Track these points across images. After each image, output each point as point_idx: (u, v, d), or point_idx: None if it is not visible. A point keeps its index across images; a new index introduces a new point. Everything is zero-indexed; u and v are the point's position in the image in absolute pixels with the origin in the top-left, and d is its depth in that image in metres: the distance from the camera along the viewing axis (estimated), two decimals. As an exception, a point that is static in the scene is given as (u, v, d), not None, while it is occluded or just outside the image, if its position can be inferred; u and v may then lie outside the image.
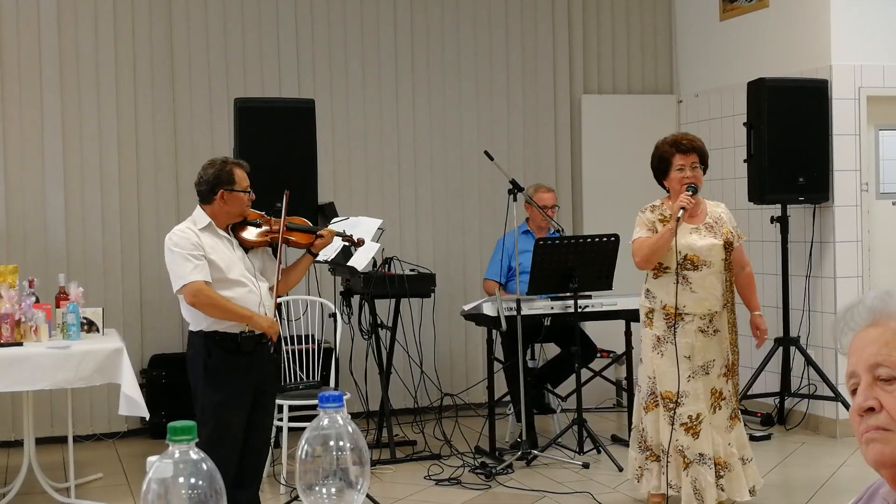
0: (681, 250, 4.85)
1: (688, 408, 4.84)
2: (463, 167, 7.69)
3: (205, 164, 4.54)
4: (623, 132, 7.84)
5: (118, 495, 5.53)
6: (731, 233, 4.97)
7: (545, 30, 7.89)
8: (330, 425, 1.59)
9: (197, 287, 4.30)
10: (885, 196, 6.93)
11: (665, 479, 4.89)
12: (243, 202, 4.46)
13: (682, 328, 4.86)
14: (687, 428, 4.84)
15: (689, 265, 4.86)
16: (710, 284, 4.88)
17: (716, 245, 4.89)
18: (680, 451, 4.84)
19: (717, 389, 4.90)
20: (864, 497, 1.65)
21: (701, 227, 4.94)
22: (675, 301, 4.84)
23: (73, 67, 6.86)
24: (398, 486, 5.67)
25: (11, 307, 5.19)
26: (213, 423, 4.34)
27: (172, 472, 1.44)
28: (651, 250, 4.85)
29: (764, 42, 7.20)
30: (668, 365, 4.86)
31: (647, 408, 4.98)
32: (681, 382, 4.83)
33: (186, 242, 4.34)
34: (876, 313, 1.55)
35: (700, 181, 4.97)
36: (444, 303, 7.17)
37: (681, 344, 4.85)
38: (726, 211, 5.09)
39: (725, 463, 4.89)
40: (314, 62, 7.38)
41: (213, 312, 4.34)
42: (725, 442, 4.90)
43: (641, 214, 5.00)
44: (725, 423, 4.93)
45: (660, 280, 4.92)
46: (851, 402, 1.57)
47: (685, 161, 4.94)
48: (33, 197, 6.82)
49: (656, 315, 4.92)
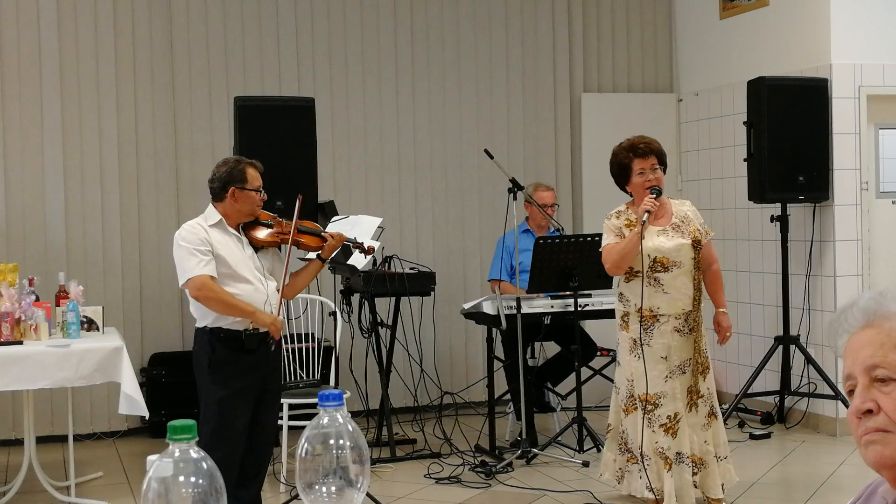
0: (650, 253, 4.85)
1: (666, 408, 4.85)
2: (463, 166, 7.69)
3: (219, 163, 4.61)
4: (623, 131, 7.71)
5: (118, 494, 5.53)
6: (698, 231, 4.96)
7: (545, 28, 7.89)
8: (330, 424, 1.60)
9: (201, 281, 4.33)
10: (884, 195, 6.93)
11: (641, 482, 4.91)
12: (254, 201, 4.49)
13: (659, 329, 4.86)
14: (666, 428, 4.85)
15: (660, 267, 4.87)
16: (682, 284, 4.88)
17: (684, 245, 4.89)
18: (660, 452, 4.85)
19: (693, 388, 4.92)
20: (864, 496, 1.65)
21: (668, 228, 4.93)
22: (642, 302, 4.84)
23: (72, 65, 6.86)
24: (398, 484, 5.67)
25: (11, 306, 5.19)
26: (217, 419, 4.36)
27: (173, 470, 1.44)
28: (620, 256, 4.86)
29: (764, 41, 7.20)
30: (646, 367, 4.87)
31: (626, 410, 4.98)
32: (659, 383, 4.85)
33: (194, 237, 4.38)
34: (870, 314, 1.55)
35: (661, 182, 4.96)
36: (443, 301, 7.17)
37: (658, 345, 4.86)
38: (692, 208, 5.08)
39: (701, 460, 4.91)
40: (314, 60, 7.38)
41: (216, 307, 4.37)
42: (702, 440, 4.92)
43: (608, 221, 5.00)
44: (703, 421, 4.94)
45: (631, 284, 4.93)
46: (849, 403, 1.57)
47: (645, 164, 4.95)
48: (33, 195, 6.82)
49: (631, 318, 4.92)
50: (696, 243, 4.91)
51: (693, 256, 4.90)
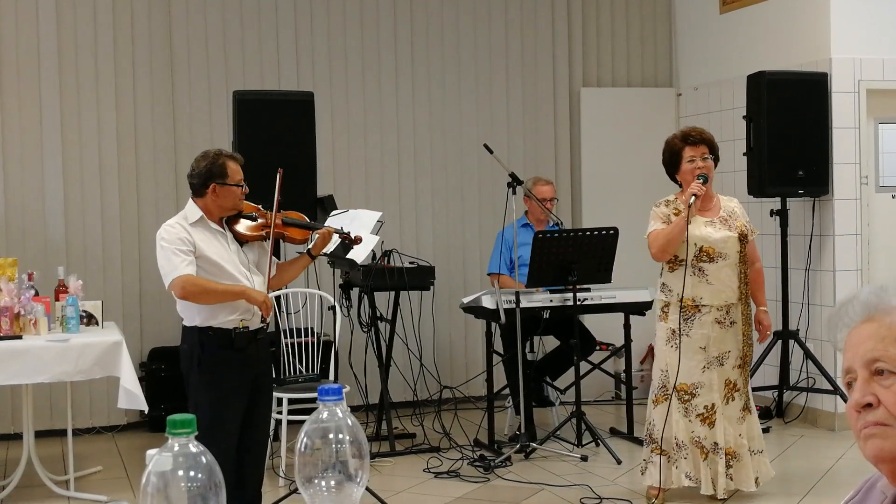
0: (696, 242, 4.90)
1: (703, 398, 4.91)
2: (462, 160, 7.69)
3: (197, 157, 4.40)
4: (622, 125, 7.84)
5: (117, 488, 5.53)
6: (745, 226, 5.02)
7: (544, 22, 7.88)
8: (329, 418, 1.60)
9: (184, 279, 4.20)
10: (884, 189, 6.93)
11: (662, 473, 4.92)
12: (236, 196, 4.34)
13: (699, 319, 4.92)
14: (703, 418, 4.91)
15: (705, 257, 4.92)
16: (726, 276, 4.93)
17: (731, 237, 4.94)
18: (697, 441, 4.90)
19: (731, 380, 4.97)
20: (862, 490, 1.65)
21: (716, 220, 5.00)
22: (683, 291, 4.87)
23: (71, 60, 6.85)
24: (397, 478, 5.67)
25: (11, 300, 5.19)
26: (207, 419, 4.27)
27: (172, 465, 1.44)
28: (666, 240, 4.90)
29: (763, 35, 7.19)
30: (683, 357, 4.90)
31: (656, 400, 5.02)
32: (696, 373, 4.90)
33: (174, 237, 4.25)
34: (870, 308, 1.55)
35: (711, 171, 5.02)
36: (443, 296, 7.17)
37: (697, 335, 4.90)
38: (739, 206, 5.16)
39: (735, 453, 4.95)
40: (313, 55, 7.37)
41: (206, 299, 4.25)
42: (737, 433, 4.96)
43: (655, 209, 5.05)
44: (738, 414, 4.99)
45: (676, 273, 4.97)
46: (848, 397, 1.57)
47: (695, 152, 5.00)
48: (32, 190, 6.81)
49: (672, 308, 4.97)
50: (742, 237, 4.96)
51: (739, 250, 4.96)
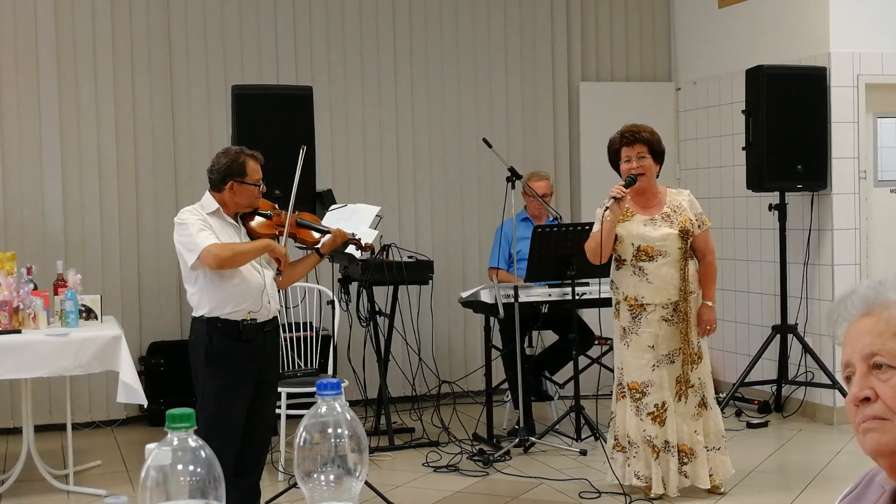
0: (634, 241, 4.91)
1: (653, 396, 4.91)
2: (461, 154, 7.68)
3: (219, 152, 4.51)
4: (621, 119, 7.68)
5: (117, 482, 5.54)
6: (689, 221, 4.97)
7: (543, 17, 7.87)
8: (328, 413, 1.60)
9: (215, 247, 4.24)
10: (883, 184, 6.93)
11: (620, 470, 4.96)
12: (253, 195, 4.44)
13: (646, 318, 4.92)
14: (654, 417, 4.90)
15: (644, 256, 4.92)
16: (667, 274, 4.91)
17: (671, 234, 4.92)
18: (648, 440, 4.90)
19: (682, 378, 4.94)
20: (861, 484, 1.66)
21: (657, 217, 4.97)
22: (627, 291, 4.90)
23: (70, 54, 6.85)
24: (396, 473, 5.68)
25: (9, 294, 5.19)
26: (213, 409, 4.33)
27: (171, 459, 1.44)
28: (594, 243, 4.93)
29: (762, 29, 7.19)
30: (632, 356, 4.93)
31: (617, 398, 5.05)
32: (646, 372, 4.90)
33: (193, 218, 4.33)
34: (869, 303, 1.56)
35: (647, 171, 4.98)
36: (442, 290, 7.17)
37: (645, 333, 4.91)
38: (689, 198, 5.09)
39: (691, 450, 4.95)
40: (312, 49, 7.36)
41: (240, 260, 4.31)
42: (692, 430, 4.96)
43: (598, 209, 5.03)
44: (693, 411, 4.97)
45: (620, 272, 5.01)
46: (847, 391, 1.58)
47: (631, 152, 5.01)
48: (31, 184, 6.81)
49: (622, 306, 4.99)
50: (683, 233, 4.92)
51: (680, 246, 4.92)
